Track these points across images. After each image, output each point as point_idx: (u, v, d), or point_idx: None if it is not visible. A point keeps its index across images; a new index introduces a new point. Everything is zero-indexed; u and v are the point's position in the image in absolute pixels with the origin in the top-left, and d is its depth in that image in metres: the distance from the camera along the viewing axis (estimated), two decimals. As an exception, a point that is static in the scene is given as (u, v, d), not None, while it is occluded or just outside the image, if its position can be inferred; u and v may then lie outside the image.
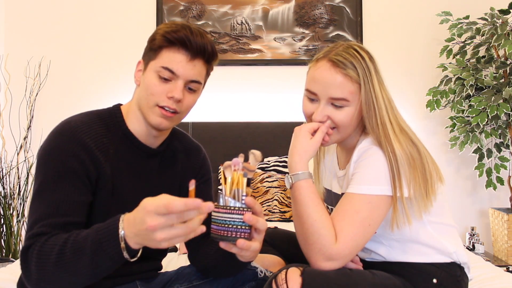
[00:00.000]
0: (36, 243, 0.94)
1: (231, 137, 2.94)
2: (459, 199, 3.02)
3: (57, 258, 0.91)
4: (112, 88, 3.01)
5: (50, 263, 0.91)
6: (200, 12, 3.04)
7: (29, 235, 0.97)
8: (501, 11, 2.67)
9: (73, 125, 1.07)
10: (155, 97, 1.07)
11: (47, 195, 1.00)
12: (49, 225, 0.97)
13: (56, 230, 0.97)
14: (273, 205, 2.54)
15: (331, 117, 1.16)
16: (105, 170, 1.07)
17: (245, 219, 0.93)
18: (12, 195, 2.82)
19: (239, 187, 0.94)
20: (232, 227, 0.93)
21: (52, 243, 0.93)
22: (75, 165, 1.02)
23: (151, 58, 1.09)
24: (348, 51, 1.16)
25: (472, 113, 2.57)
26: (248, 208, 0.94)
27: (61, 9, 3.05)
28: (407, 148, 1.11)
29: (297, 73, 3.00)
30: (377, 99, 1.14)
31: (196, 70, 1.08)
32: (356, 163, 1.16)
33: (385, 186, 1.10)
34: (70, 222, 0.99)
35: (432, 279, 1.16)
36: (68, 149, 1.03)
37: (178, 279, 1.25)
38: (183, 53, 1.06)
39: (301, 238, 1.11)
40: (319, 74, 1.16)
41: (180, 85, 1.07)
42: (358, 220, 1.08)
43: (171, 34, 1.05)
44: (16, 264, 1.66)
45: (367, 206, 1.09)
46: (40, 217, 0.98)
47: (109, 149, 1.09)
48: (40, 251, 0.93)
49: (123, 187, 1.10)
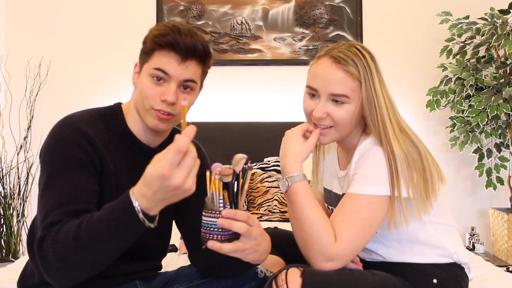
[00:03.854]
0: (50, 233, 0.94)
1: (231, 137, 2.93)
2: (459, 199, 3.02)
3: (75, 243, 0.91)
4: (112, 88, 3.01)
5: (69, 249, 0.91)
6: (200, 12, 3.04)
7: (43, 226, 0.96)
8: (501, 11, 2.67)
9: (76, 119, 1.08)
10: (150, 100, 1.07)
11: (57, 185, 1.00)
12: (62, 213, 0.97)
13: (68, 218, 0.96)
14: (273, 205, 2.54)
15: (330, 114, 1.15)
16: (108, 163, 1.08)
17: (218, 222, 0.94)
18: (12, 195, 2.82)
19: (215, 191, 0.96)
20: (209, 230, 0.96)
21: (65, 231, 0.93)
22: (81, 155, 1.03)
23: (144, 61, 1.09)
24: (350, 49, 1.16)
25: (472, 113, 2.57)
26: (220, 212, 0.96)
27: (61, 9, 3.05)
28: (406, 148, 1.11)
29: (297, 73, 3.00)
30: (377, 97, 1.14)
31: (190, 70, 1.07)
32: (357, 163, 1.15)
33: (386, 187, 1.09)
34: (82, 209, 0.98)
35: (432, 279, 1.15)
36: (72, 140, 1.03)
37: (178, 279, 1.25)
38: (173, 55, 1.05)
39: (300, 240, 1.11)
40: (321, 70, 1.16)
41: (173, 88, 1.06)
42: (358, 221, 1.08)
43: (160, 38, 1.04)
44: (16, 264, 1.66)
45: (368, 206, 1.09)
46: (52, 207, 0.98)
47: (109, 145, 1.10)
48: (54, 240, 0.93)
49: (123, 184, 1.10)
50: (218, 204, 0.96)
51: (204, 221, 0.97)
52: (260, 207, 2.56)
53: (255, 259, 1.03)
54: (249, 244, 0.99)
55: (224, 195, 0.97)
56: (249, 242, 0.99)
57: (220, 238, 0.96)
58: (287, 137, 1.19)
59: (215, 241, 0.95)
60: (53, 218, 0.96)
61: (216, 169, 0.97)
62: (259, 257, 1.03)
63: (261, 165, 2.75)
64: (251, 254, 1.00)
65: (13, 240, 2.75)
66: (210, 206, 0.96)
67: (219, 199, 0.96)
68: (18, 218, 2.81)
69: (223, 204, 0.96)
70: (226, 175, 0.97)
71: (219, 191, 0.96)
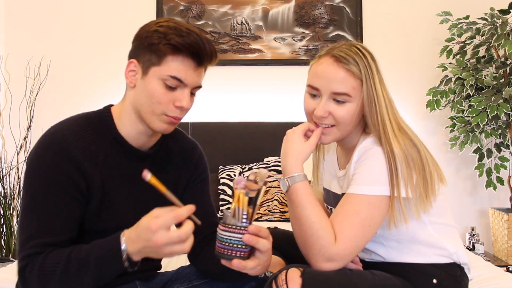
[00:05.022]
0: (33, 263, 0.96)
1: (231, 137, 2.93)
2: (459, 199, 3.02)
3: (62, 274, 0.94)
4: (112, 88, 3.00)
5: (55, 279, 0.94)
6: (200, 12, 3.04)
7: (22, 256, 0.98)
8: (501, 11, 2.67)
9: (60, 137, 1.03)
10: (162, 105, 1.03)
11: (37, 213, 0.99)
12: (42, 244, 0.97)
13: (50, 248, 0.98)
14: (273, 205, 2.54)
15: (332, 113, 1.15)
16: (95, 180, 1.05)
17: (244, 239, 0.93)
18: (12, 195, 2.82)
19: (240, 206, 0.94)
20: (230, 246, 0.93)
21: (53, 261, 0.95)
22: (64, 182, 1.01)
23: (153, 63, 1.02)
24: (351, 49, 1.16)
25: (472, 113, 2.57)
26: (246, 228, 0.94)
27: (61, 9, 3.05)
28: (405, 148, 1.10)
29: (297, 73, 3.00)
30: (378, 96, 1.15)
31: (201, 76, 1.07)
32: (357, 163, 1.15)
33: (385, 187, 1.09)
34: (62, 240, 1.00)
35: (432, 280, 1.15)
36: (55, 165, 1.00)
37: (178, 279, 1.24)
38: (190, 62, 1.02)
39: (300, 240, 1.11)
40: (322, 69, 1.16)
41: (188, 94, 1.04)
42: (359, 221, 1.07)
43: (180, 42, 0.99)
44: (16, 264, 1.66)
45: (368, 206, 1.09)
46: (31, 235, 0.98)
47: (98, 156, 1.06)
48: (41, 269, 0.95)
49: (114, 192, 1.09)
50: (241, 219, 0.93)
51: (223, 236, 0.94)
52: (260, 207, 2.56)
53: (260, 273, 1.02)
54: (263, 260, 0.98)
55: (249, 210, 0.94)
56: (263, 258, 0.98)
57: (243, 255, 0.94)
58: (288, 136, 1.19)
59: (240, 260, 0.94)
60: (34, 250, 0.97)
61: (240, 183, 0.94)
62: (263, 272, 1.03)
63: (261, 165, 2.75)
64: (260, 270, 1.00)
65: (13, 240, 2.75)
66: (232, 221, 0.93)
67: (243, 214, 0.93)
68: (18, 218, 2.81)
69: (246, 219, 0.94)
70: (253, 190, 0.94)
71: (243, 206, 0.94)
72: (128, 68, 1.08)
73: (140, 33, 1.06)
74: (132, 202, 1.12)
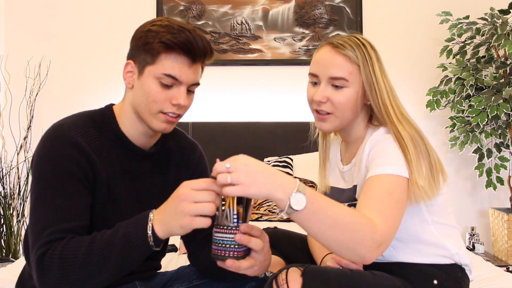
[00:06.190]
0: (54, 249, 0.94)
1: (231, 137, 2.93)
2: (459, 199, 3.02)
3: (84, 258, 0.93)
4: (112, 88, 3.01)
5: (76, 264, 0.92)
6: (200, 12, 3.04)
7: (41, 243, 0.95)
8: (501, 11, 2.67)
9: (66, 128, 1.04)
10: (159, 104, 1.04)
11: (50, 201, 0.99)
12: (61, 230, 0.96)
13: (70, 234, 0.97)
14: (273, 205, 2.54)
15: (330, 98, 1.17)
16: (101, 172, 1.05)
17: (236, 238, 0.92)
18: (12, 195, 2.82)
19: (230, 206, 0.94)
20: (223, 246, 0.93)
21: (75, 246, 0.94)
22: (73, 168, 1.01)
23: (147, 63, 1.03)
24: (350, 38, 1.20)
25: (472, 113, 2.57)
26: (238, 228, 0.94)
27: (61, 9, 3.05)
28: (412, 132, 1.12)
29: (297, 73, 3.00)
30: (377, 82, 1.17)
31: (197, 73, 1.07)
32: (371, 152, 1.14)
33: (405, 169, 1.08)
34: (79, 226, 0.99)
35: (433, 280, 1.15)
36: (64, 152, 1.01)
37: (178, 279, 1.24)
38: (184, 59, 1.02)
39: (342, 244, 0.97)
40: (320, 56, 1.21)
41: (184, 91, 1.05)
42: (393, 201, 1.04)
43: (171, 40, 1.00)
44: (16, 264, 1.66)
45: (397, 184, 1.06)
46: (47, 224, 0.97)
47: (102, 151, 1.07)
48: (62, 255, 0.93)
49: (117, 190, 1.09)
50: (232, 220, 0.93)
51: (217, 237, 0.94)
52: (260, 207, 2.56)
53: (258, 274, 1.02)
54: (259, 260, 0.98)
55: (239, 210, 0.94)
56: (259, 258, 0.98)
57: (236, 255, 0.94)
58: (247, 161, 0.91)
59: (234, 260, 0.93)
60: (53, 236, 0.96)
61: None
62: (261, 272, 1.02)
63: (261, 165, 2.75)
64: (258, 270, 1.00)
65: (13, 240, 2.75)
66: (223, 222, 0.93)
67: (233, 214, 0.93)
68: (18, 218, 2.81)
69: (237, 219, 0.94)
70: None
71: (233, 206, 0.93)
72: (126, 69, 1.10)
73: (136, 34, 1.08)
74: (134, 200, 1.12)
